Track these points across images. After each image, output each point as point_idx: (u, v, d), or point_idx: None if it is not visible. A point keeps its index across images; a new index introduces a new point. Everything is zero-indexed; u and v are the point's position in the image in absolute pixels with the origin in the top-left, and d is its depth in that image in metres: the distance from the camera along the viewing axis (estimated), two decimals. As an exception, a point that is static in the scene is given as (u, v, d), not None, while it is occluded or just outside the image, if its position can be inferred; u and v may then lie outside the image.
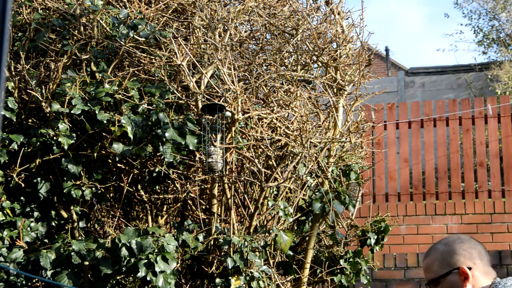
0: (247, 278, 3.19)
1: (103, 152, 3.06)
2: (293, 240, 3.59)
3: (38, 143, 3.01)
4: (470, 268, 2.16)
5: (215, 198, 3.32)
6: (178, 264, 3.20)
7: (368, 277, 3.78)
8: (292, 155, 3.42)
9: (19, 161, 2.99)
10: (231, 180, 3.41)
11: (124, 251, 2.90)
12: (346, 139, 3.61)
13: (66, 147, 2.95)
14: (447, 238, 2.27)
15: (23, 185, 3.04)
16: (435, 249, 2.24)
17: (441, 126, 6.21)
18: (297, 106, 3.22)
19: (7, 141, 3.01)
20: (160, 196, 3.63)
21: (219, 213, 3.49)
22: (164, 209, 3.73)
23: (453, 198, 6.09)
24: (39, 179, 3.07)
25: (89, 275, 3.14)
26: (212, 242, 3.22)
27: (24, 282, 3.05)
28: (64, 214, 3.21)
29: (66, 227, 3.09)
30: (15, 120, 3.07)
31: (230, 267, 3.16)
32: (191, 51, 3.21)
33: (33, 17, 3.30)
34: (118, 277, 3.13)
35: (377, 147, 5.97)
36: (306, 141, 3.26)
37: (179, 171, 3.37)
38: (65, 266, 2.96)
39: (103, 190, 3.20)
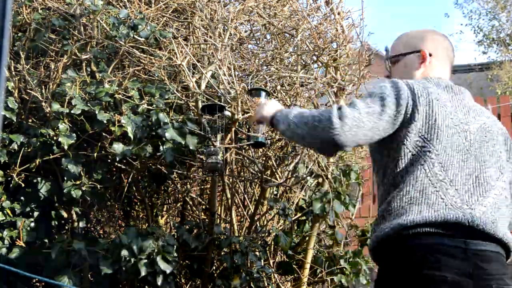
0: (247, 278, 3.19)
1: (103, 152, 3.06)
2: (293, 240, 3.59)
3: (38, 143, 3.01)
4: (430, 55, 2.16)
5: (215, 198, 3.32)
6: (178, 264, 3.20)
7: (367, 277, 3.78)
8: (292, 155, 3.42)
9: (19, 161, 2.99)
10: (231, 180, 3.40)
11: (124, 251, 2.90)
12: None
13: (66, 147, 2.95)
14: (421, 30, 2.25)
15: (23, 185, 3.04)
16: (406, 33, 2.23)
17: (441, 126, 6.21)
18: (296, 106, 3.21)
19: (7, 141, 3.01)
20: (160, 196, 3.63)
21: (219, 213, 3.49)
22: (164, 209, 3.73)
23: (453, 198, 6.08)
24: (39, 179, 3.06)
25: (89, 275, 3.14)
26: (212, 242, 3.22)
27: (24, 282, 3.05)
28: (64, 214, 3.21)
29: (66, 227, 3.09)
30: (15, 120, 3.07)
31: (230, 267, 3.16)
32: (191, 51, 3.21)
33: (33, 17, 3.29)
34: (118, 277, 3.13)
35: (377, 147, 5.96)
36: (306, 141, 3.25)
37: (179, 171, 3.37)
38: (65, 266, 2.95)
39: (103, 190, 3.19)
